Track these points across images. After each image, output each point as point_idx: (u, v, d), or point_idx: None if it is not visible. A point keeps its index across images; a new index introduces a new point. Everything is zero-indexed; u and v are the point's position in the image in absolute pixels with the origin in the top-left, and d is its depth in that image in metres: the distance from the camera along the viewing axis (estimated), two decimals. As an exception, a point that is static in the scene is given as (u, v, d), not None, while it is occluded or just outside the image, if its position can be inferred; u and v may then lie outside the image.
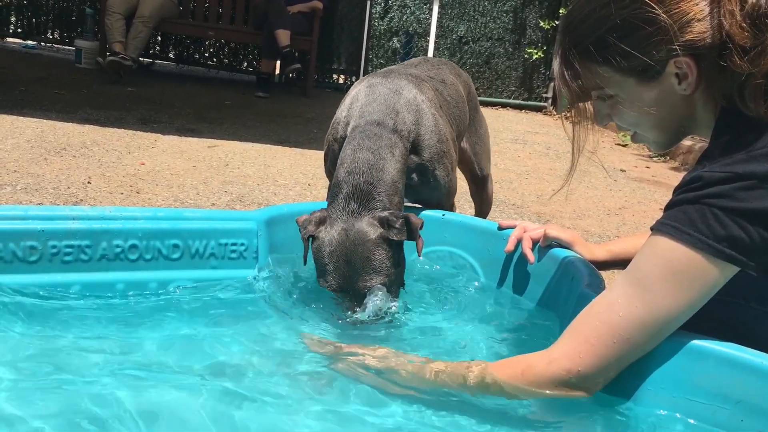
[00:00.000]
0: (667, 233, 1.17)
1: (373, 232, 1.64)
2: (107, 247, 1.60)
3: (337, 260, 1.64)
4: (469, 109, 2.40)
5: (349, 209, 1.67)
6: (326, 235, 1.66)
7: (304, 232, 1.68)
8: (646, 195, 4.67)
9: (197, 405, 1.25)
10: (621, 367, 1.23)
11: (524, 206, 4.04)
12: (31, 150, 3.88)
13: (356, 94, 1.94)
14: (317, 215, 1.69)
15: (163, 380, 1.32)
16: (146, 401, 1.24)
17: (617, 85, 1.28)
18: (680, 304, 1.17)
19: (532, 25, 8.01)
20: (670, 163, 5.85)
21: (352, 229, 1.64)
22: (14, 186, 3.22)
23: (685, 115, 1.28)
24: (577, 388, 1.23)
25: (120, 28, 6.45)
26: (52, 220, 1.55)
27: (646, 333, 1.19)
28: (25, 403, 1.18)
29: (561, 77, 1.33)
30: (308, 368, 1.41)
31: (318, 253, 1.67)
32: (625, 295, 1.20)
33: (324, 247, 1.65)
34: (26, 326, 1.43)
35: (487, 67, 8.10)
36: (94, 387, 1.25)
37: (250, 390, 1.29)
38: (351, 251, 1.64)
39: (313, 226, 1.67)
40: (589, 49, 1.25)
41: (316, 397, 1.32)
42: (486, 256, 1.90)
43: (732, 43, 1.15)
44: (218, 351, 1.46)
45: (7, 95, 5.21)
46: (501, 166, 5.03)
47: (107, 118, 4.94)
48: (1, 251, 1.51)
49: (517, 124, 7.11)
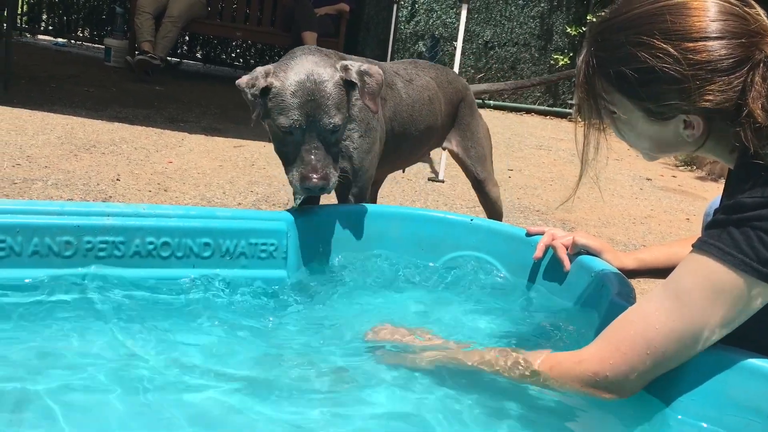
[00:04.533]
0: (710, 253, 1.17)
1: (334, 72, 1.74)
2: (140, 244, 1.62)
3: (301, 98, 1.69)
4: (463, 115, 2.50)
5: (306, 58, 1.75)
6: (284, 79, 1.71)
7: (253, 89, 1.71)
8: (672, 204, 4.63)
9: (226, 402, 1.26)
10: (649, 378, 1.24)
11: (549, 213, 4.02)
12: (61, 146, 3.94)
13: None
14: (259, 71, 1.73)
15: (190, 377, 1.33)
16: (174, 398, 1.26)
17: (626, 111, 1.29)
18: (718, 322, 1.18)
19: (559, 31, 7.97)
20: (696, 173, 5.80)
21: (312, 71, 1.72)
22: (45, 181, 3.26)
23: (687, 149, 1.31)
24: (605, 390, 1.24)
25: (149, 28, 6.52)
26: (87, 216, 1.58)
27: (680, 348, 1.20)
28: (60, 392, 1.20)
29: (579, 78, 1.34)
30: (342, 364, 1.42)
31: (278, 97, 1.70)
32: (662, 308, 1.20)
33: (286, 88, 1.70)
34: (58, 319, 1.46)
35: (513, 73, 8.08)
36: (120, 378, 1.28)
37: (284, 388, 1.30)
38: (314, 89, 1.70)
39: (261, 80, 1.71)
40: (611, 74, 1.26)
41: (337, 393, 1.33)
42: (514, 261, 1.89)
43: (748, 119, 1.16)
44: (246, 349, 1.48)
45: (38, 92, 5.29)
46: (525, 173, 5.02)
47: (135, 116, 4.99)
48: (36, 245, 1.53)
49: (541, 130, 7.08)
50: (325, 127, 1.71)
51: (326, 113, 1.71)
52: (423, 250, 1.97)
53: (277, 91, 1.71)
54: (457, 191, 4.25)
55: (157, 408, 1.22)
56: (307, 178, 1.69)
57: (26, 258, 1.52)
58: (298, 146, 1.72)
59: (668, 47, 1.18)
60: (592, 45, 1.30)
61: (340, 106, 1.74)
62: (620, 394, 1.25)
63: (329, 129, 1.72)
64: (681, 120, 1.23)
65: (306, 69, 1.72)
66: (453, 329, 1.69)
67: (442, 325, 1.69)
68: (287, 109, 1.70)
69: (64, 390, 1.22)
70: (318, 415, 1.26)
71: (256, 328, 1.57)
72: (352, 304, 1.75)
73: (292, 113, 1.69)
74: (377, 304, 1.78)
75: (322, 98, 1.70)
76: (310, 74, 1.71)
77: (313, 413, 1.27)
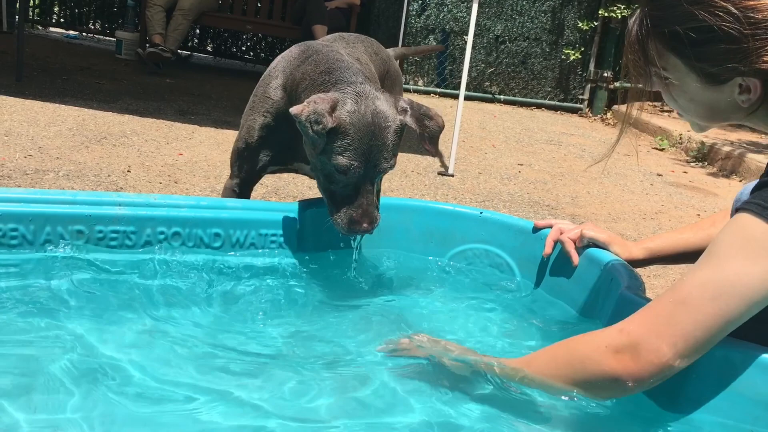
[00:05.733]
0: (749, 210, 1.15)
1: (395, 115, 1.65)
2: (151, 234, 1.63)
3: (366, 143, 1.60)
4: (388, 87, 2.37)
5: (362, 87, 1.64)
6: (353, 119, 1.59)
7: (318, 126, 1.55)
8: (683, 200, 4.61)
9: (234, 394, 1.27)
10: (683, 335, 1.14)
11: (558, 207, 4.01)
12: (72, 138, 3.96)
13: (288, 51, 1.90)
14: (321, 105, 1.57)
15: (199, 369, 1.34)
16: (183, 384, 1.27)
17: (679, 75, 1.25)
18: (745, 272, 1.12)
19: (571, 25, 7.93)
20: (708, 169, 5.76)
21: (376, 110, 1.62)
22: (57, 172, 3.28)
23: (738, 116, 1.27)
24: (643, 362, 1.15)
25: (160, 21, 6.53)
26: (99, 206, 1.59)
27: (705, 295, 1.13)
28: (77, 374, 1.21)
29: (629, 39, 1.29)
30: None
31: (343, 138, 1.58)
32: (698, 264, 1.18)
33: (353, 130, 1.59)
34: (72, 304, 1.47)
35: (523, 67, 8.04)
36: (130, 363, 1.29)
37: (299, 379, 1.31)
38: (379, 134, 1.61)
39: (328, 117, 1.56)
40: (665, 34, 1.22)
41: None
42: (523, 255, 1.89)
43: None
44: (254, 340, 1.48)
45: (50, 84, 5.31)
46: (535, 167, 5.01)
47: (146, 108, 5.01)
48: (49, 234, 1.54)
49: (552, 125, 7.06)
50: (381, 172, 1.65)
51: (385, 159, 1.63)
52: (432, 243, 1.97)
53: (344, 131, 1.59)
54: (467, 185, 4.24)
55: (181, 393, 1.23)
56: (357, 222, 1.63)
57: (38, 246, 1.54)
58: (349, 187, 1.63)
59: (728, 5, 1.14)
60: (646, 5, 1.25)
61: (396, 150, 1.67)
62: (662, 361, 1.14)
63: (383, 172, 1.66)
64: (737, 83, 1.19)
65: (372, 108, 1.62)
66: (462, 325, 1.69)
67: (452, 322, 1.69)
68: (350, 151, 1.59)
69: (84, 375, 1.23)
70: (324, 407, 1.27)
71: (264, 320, 1.58)
72: (362, 298, 1.76)
73: (355, 156, 1.59)
74: (387, 299, 1.78)
75: (384, 143, 1.62)
76: (376, 115, 1.61)
77: (321, 405, 1.28)
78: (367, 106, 1.61)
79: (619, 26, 7.68)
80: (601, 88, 7.85)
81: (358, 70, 1.73)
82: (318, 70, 1.73)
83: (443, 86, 7.94)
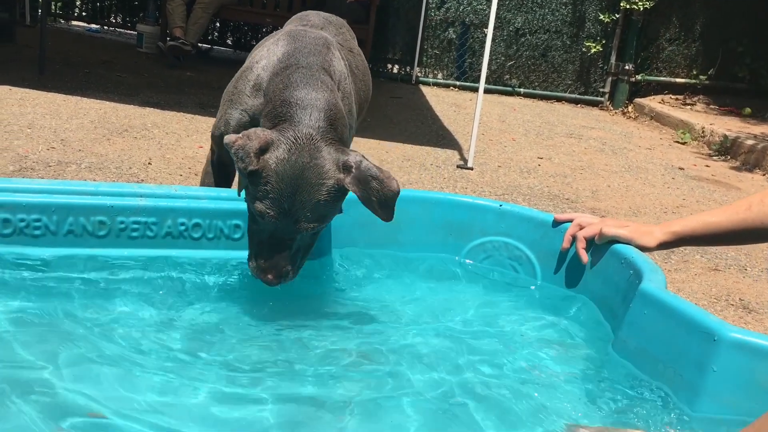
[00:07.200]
0: None
1: (333, 173, 1.45)
2: (172, 225, 1.64)
3: (287, 197, 1.43)
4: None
5: (304, 133, 1.45)
6: (276, 166, 1.42)
7: (242, 164, 1.41)
8: (705, 194, 4.56)
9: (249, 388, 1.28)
10: None
11: (579, 201, 3.99)
12: (94, 130, 3.99)
13: (274, 42, 1.77)
14: (261, 138, 1.43)
15: (223, 357, 1.35)
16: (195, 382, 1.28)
17: None
18: None
19: (591, 18, 7.85)
20: (730, 162, 5.70)
21: (310, 163, 1.43)
22: (79, 164, 3.32)
23: None
24: None
25: (181, 14, 6.56)
26: (121, 197, 1.60)
27: None
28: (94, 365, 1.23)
29: None
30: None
31: (263, 184, 1.43)
32: None
33: (272, 174, 1.42)
34: (88, 295, 1.49)
35: (544, 60, 7.99)
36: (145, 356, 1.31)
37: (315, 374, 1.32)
38: (302, 189, 1.43)
39: (254, 158, 1.41)
40: None
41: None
42: (543, 248, 1.88)
43: None
44: (275, 332, 1.49)
45: (72, 77, 5.36)
46: (555, 161, 4.97)
47: (167, 101, 5.04)
48: (72, 225, 1.56)
49: (572, 118, 7.00)
50: (301, 230, 1.47)
51: (307, 219, 1.45)
52: (451, 235, 1.97)
53: (266, 177, 1.43)
54: (486, 178, 4.23)
55: (205, 383, 1.24)
56: (262, 272, 1.49)
57: (61, 237, 1.55)
58: (265, 233, 1.49)
59: None
60: None
61: (328, 210, 1.48)
62: None
63: (303, 231, 1.48)
64: None
65: (305, 161, 1.43)
66: (482, 322, 1.69)
67: (471, 318, 1.69)
68: (268, 200, 1.44)
69: (103, 362, 1.24)
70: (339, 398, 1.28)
71: (286, 311, 1.59)
72: (384, 292, 1.75)
73: (271, 206, 1.44)
74: (406, 293, 1.78)
75: (309, 201, 1.44)
76: (308, 169, 1.43)
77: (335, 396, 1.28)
78: (300, 157, 1.43)
79: (641, 18, 7.59)
80: (623, 81, 7.77)
81: (321, 108, 1.51)
82: (281, 98, 1.55)
83: (462, 79, 7.90)
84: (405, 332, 1.54)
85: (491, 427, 1.22)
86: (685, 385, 1.27)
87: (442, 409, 1.26)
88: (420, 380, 1.34)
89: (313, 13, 2.21)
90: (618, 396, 1.32)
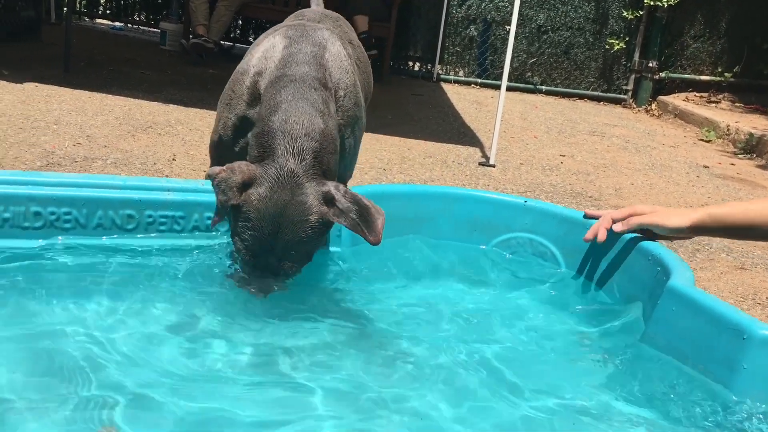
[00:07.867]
0: None
1: (316, 208, 1.43)
2: (199, 219, 1.65)
3: (263, 231, 1.42)
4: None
5: (286, 169, 1.43)
6: (260, 202, 1.41)
7: (224, 197, 1.41)
8: (730, 192, 4.51)
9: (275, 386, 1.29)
10: None
11: (602, 199, 3.96)
12: (119, 127, 4.04)
13: (271, 45, 1.72)
14: (244, 173, 1.41)
15: (241, 353, 1.36)
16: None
17: None
18: None
19: (615, 15, 7.79)
20: (756, 161, 5.63)
21: (291, 200, 1.42)
22: (104, 160, 3.35)
23: None
24: None
25: (204, 12, 6.61)
26: (148, 191, 1.62)
27: None
28: (116, 351, 1.24)
29: None
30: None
31: (244, 215, 1.42)
32: None
33: (252, 212, 1.41)
34: (116, 285, 1.50)
35: (566, 58, 7.94)
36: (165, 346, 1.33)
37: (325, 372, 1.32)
38: (284, 227, 1.42)
39: (236, 192, 1.41)
40: None
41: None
42: (568, 244, 1.87)
43: None
44: (295, 328, 1.50)
45: (97, 74, 5.42)
46: (578, 158, 4.94)
47: (190, 98, 5.08)
48: (101, 218, 1.58)
49: (595, 116, 6.95)
50: (283, 269, 1.47)
51: (290, 258, 1.45)
52: (476, 231, 1.96)
53: (245, 213, 1.42)
54: (508, 176, 4.21)
55: (221, 379, 1.25)
56: (246, 286, 1.49)
57: (90, 230, 1.57)
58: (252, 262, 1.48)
59: None
60: None
61: (311, 251, 1.48)
62: None
63: (285, 269, 1.47)
64: None
65: (287, 199, 1.41)
66: (497, 312, 1.68)
67: (498, 314, 1.68)
68: (247, 236, 1.43)
69: (134, 346, 1.26)
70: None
71: (307, 307, 1.59)
72: (403, 289, 1.76)
73: (251, 243, 1.43)
74: (429, 289, 1.78)
75: (291, 239, 1.43)
76: (290, 207, 1.41)
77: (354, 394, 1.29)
78: (282, 195, 1.41)
79: (665, 15, 7.52)
80: (646, 79, 7.71)
81: (306, 139, 1.47)
82: (268, 124, 1.50)
83: (484, 77, 7.88)
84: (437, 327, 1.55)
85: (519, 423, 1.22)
86: (715, 382, 1.26)
87: (473, 397, 1.27)
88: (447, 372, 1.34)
89: (309, 10, 2.22)
90: (647, 392, 1.31)
